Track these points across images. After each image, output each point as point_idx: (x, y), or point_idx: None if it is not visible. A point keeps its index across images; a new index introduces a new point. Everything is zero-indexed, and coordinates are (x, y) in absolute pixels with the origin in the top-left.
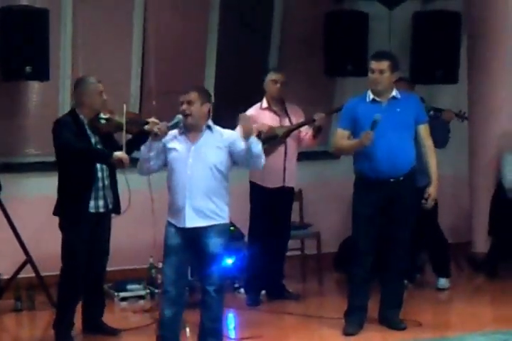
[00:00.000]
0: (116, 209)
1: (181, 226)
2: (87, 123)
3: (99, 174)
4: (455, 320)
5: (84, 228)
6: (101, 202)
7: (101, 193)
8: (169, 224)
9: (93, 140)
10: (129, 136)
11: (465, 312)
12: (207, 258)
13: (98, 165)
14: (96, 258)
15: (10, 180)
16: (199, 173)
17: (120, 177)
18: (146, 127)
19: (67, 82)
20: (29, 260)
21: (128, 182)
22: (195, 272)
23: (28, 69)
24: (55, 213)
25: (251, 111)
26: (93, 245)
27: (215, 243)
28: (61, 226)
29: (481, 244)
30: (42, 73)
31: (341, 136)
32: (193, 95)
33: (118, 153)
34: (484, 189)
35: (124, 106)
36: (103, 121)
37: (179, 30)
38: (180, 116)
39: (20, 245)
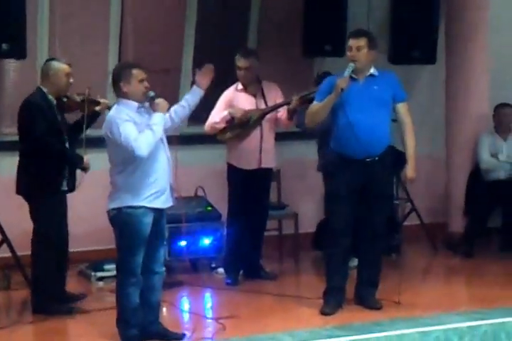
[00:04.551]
0: (73, 187)
1: (166, 206)
2: (55, 103)
3: None
4: (431, 299)
5: (58, 208)
6: (64, 181)
7: (66, 171)
8: (146, 210)
9: (59, 118)
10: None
11: (441, 292)
12: (163, 239)
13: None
14: (62, 235)
15: None
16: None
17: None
18: (97, 108)
19: (44, 60)
20: (5, 239)
21: None
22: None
23: (4, 46)
24: (24, 193)
25: (227, 93)
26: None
27: (165, 224)
28: (35, 208)
29: (457, 224)
30: (19, 51)
31: None
32: None
33: (86, 159)
34: (461, 169)
35: (87, 90)
36: (64, 99)
37: (157, 10)
38: None
39: None
